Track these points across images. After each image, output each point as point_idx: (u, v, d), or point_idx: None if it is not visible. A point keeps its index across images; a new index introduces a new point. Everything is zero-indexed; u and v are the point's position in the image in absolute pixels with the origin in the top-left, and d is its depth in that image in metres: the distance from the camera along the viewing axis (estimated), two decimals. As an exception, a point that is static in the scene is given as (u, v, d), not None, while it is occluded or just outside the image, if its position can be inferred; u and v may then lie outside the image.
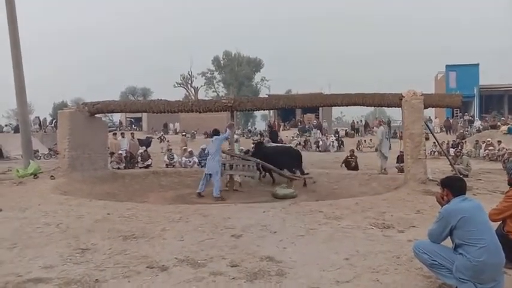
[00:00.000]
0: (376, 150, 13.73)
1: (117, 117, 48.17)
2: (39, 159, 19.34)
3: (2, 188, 9.92)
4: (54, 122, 34.26)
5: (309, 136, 33.71)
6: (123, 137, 18.64)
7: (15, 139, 20.79)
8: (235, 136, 16.52)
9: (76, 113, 11.82)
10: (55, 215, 6.69)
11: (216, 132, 11.49)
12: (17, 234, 5.52)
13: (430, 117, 35.03)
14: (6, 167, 15.62)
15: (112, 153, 15.46)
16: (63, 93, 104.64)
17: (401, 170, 12.17)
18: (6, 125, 37.89)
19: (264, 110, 15.88)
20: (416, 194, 8.43)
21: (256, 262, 4.38)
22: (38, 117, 38.53)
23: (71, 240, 5.24)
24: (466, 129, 31.28)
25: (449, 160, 12.25)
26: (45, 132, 33.30)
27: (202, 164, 15.89)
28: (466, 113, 36.67)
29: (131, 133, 21.76)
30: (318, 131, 36.33)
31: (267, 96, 33.03)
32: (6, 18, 13.25)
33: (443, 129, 32.94)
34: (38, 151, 20.62)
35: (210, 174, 10.55)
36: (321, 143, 29.35)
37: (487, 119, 32.59)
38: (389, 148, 13.15)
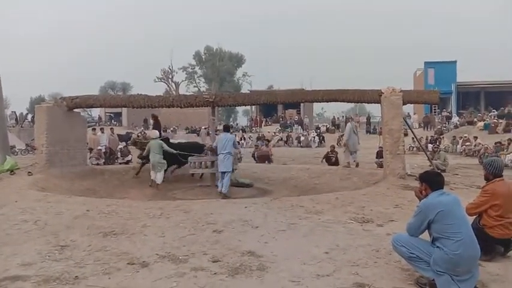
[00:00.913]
0: (344, 145, 14.02)
1: (96, 112, 47.36)
2: (16, 155, 18.93)
3: (-23, 184, 9.68)
4: (31, 117, 33.55)
5: (291, 132, 33.90)
6: (102, 132, 18.36)
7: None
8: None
9: (54, 107, 11.59)
10: (33, 211, 6.57)
11: (227, 129, 11.32)
12: (-6, 231, 5.41)
13: (408, 113, 35.60)
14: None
15: (91, 149, 15.22)
16: (41, 88, 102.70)
17: (380, 166, 12.35)
18: (-19, 120, 36.91)
19: (245, 105, 15.92)
20: (395, 189, 8.57)
21: (238, 257, 4.39)
22: (15, 112, 37.67)
23: (50, 237, 5.16)
24: (444, 125, 31.91)
25: (427, 155, 12.48)
26: (22, 127, 32.60)
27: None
28: (444, 109, 37.38)
29: (111, 128, 21.46)
30: (300, 127, 36.58)
31: (248, 91, 33.06)
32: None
33: (422, 125, 33.51)
34: (14, 147, 20.18)
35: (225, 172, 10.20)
36: (302, 138, 29.55)
37: (464, 115, 33.28)
38: (358, 143, 13.66)
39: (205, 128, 31.82)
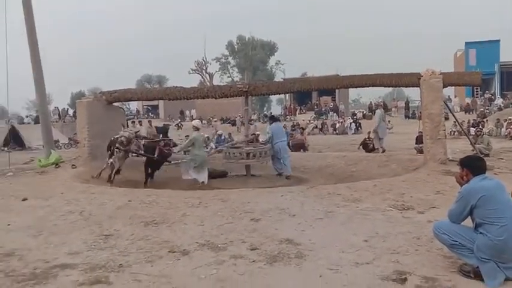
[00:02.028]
0: (375, 131, 14.75)
1: (134, 105, 48.60)
2: (60, 148, 19.74)
3: (25, 177, 10.20)
4: (73, 112, 34.82)
5: (326, 119, 33.52)
6: (140, 124, 18.84)
7: (35, 130, 21.25)
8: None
9: (94, 102, 11.97)
10: (78, 202, 6.85)
11: (277, 119, 12.35)
12: (42, 222, 5.69)
13: (449, 96, 34.32)
14: (29, 157, 16.04)
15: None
16: (80, 83, 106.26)
17: (420, 151, 12.02)
18: (26, 116, 38.75)
19: (279, 94, 15.82)
20: (436, 175, 8.32)
21: (276, 245, 4.42)
22: (57, 108, 39.25)
23: (94, 227, 5.37)
24: (487, 107, 30.60)
25: (469, 140, 12.03)
26: (64, 122, 33.90)
27: (219, 150, 15.98)
28: (486, 91, 35.80)
29: (148, 121, 22.00)
30: (335, 114, 36.08)
31: (282, 80, 32.88)
32: (23, 8, 13.39)
33: (463, 108, 32.30)
34: (58, 141, 21.05)
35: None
36: (338, 125, 29.18)
37: (508, 96, 31.77)
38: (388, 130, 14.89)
39: (240, 118, 31.96)
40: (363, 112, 37.60)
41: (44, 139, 14.12)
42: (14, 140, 23.15)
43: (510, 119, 20.58)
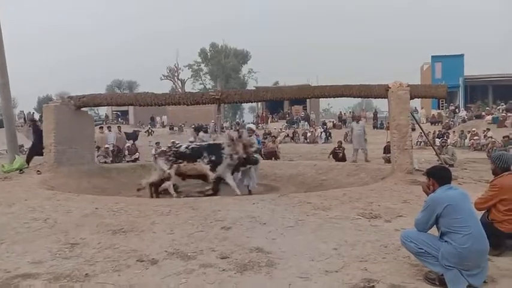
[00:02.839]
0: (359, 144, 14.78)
1: (103, 110, 47.59)
2: (24, 154, 19.06)
3: (-13, 183, 9.78)
4: (39, 116, 33.81)
5: (297, 128, 33.85)
6: (109, 130, 18.48)
7: (-1, 134, 20.50)
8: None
9: (61, 106, 11.66)
10: (43, 210, 6.62)
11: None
12: (5, 229, 5.47)
13: (416, 107, 35.39)
14: (-9, 163, 15.41)
15: (99, 147, 15.33)
16: (48, 87, 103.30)
17: (388, 161, 12.31)
18: (-11, 120, 37.30)
19: (252, 102, 15.90)
20: (403, 184, 8.54)
21: (246, 253, 4.41)
22: (23, 111, 38.01)
23: (60, 235, 5.20)
24: (451, 119, 31.68)
25: (435, 150, 12.43)
26: (29, 126, 32.80)
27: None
28: (451, 103, 37.10)
29: (118, 126, 21.59)
30: (306, 123, 36.50)
31: (254, 88, 33.05)
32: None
33: (429, 120, 33.30)
34: (23, 146, 20.34)
35: None
36: (309, 134, 29.50)
37: (471, 109, 33.01)
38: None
39: (214, 125, 31.91)
40: (333, 122, 38.22)
41: (8, 144, 13.65)
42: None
43: (474, 131, 21.40)
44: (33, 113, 39.78)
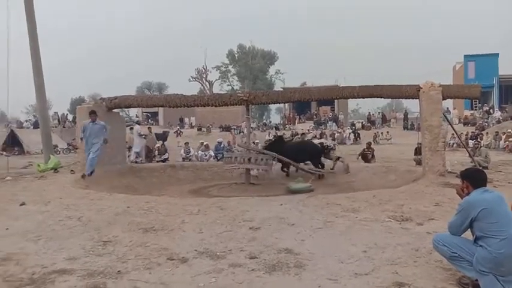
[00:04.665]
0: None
1: (133, 112, 48.60)
2: (59, 154, 19.71)
3: (24, 182, 10.17)
4: (73, 117, 34.83)
5: (325, 129, 33.58)
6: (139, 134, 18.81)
7: (35, 134, 21.25)
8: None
9: (94, 108, 11.97)
10: (77, 208, 6.83)
11: None
12: (41, 227, 5.67)
13: (448, 108, 34.49)
14: (27, 162, 16.01)
15: (130, 148, 15.66)
16: (79, 88, 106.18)
17: (419, 163, 12.05)
18: (26, 121, 38.71)
19: (279, 103, 15.87)
20: (435, 187, 8.34)
21: (275, 254, 4.41)
22: (57, 113, 39.24)
23: (93, 232, 5.35)
24: (485, 120, 30.72)
25: (468, 152, 12.07)
26: (63, 127, 33.87)
27: (218, 158, 16.03)
28: (485, 104, 35.97)
29: (148, 127, 21.97)
30: (334, 124, 36.17)
31: (281, 89, 32.99)
32: (25, 14, 13.47)
33: (462, 120, 32.40)
34: (57, 146, 21.03)
35: None
36: (337, 135, 29.22)
37: (506, 109, 31.90)
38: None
39: (237, 128, 32.43)
40: (362, 122, 37.71)
41: (44, 144, 14.13)
42: (13, 144, 23.14)
43: (509, 132, 20.65)
44: (67, 114, 41.02)
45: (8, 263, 4.24)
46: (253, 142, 15.30)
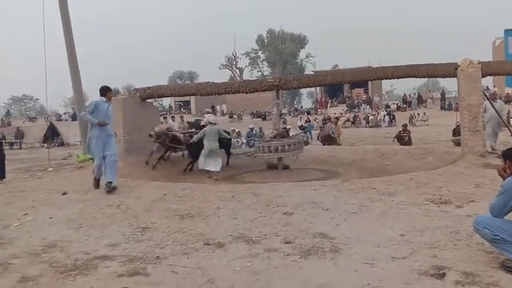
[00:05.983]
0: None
1: (166, 101, 49.39)
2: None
3: (64, 172, 10.57)
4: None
5: (358, 112, 33.02)
6: (173, 120, 19.15)
7: (73, 126, 21.99)
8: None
9: (128, 99, 12.23)
10: (115, 196, 7.04)
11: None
12: (82, 215, 5.88)
13: (487, 86, 33.06)
14: (67, 153, 16.62)
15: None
16: (113, 80, 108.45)
17: (458, 144, 11.67)
18: (64, 113, 40.09)
19: (310, 87, 15.67)
20: (474, 168, 8.06)
21: (310, 239, 4.41)
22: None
23: (132, 220, 5.51)
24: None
25: (510, 131, 11.57)
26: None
27: (250, 144, 16.08)
28: (528, 80, 34.24)
29: (180, 116, 22.31)
30: (368, 106, 35.49)
31: (312, 72, 32.57)
32: (58, 5, 13.78)
33: (503, 98, 31.04)
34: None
35: None
36: (371, 118, 28.70)
37: (552, 85, 30.29)
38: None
39: (268, 113, 32.29)
40: (397, 104, 36.81)
41: (82, 135, 14.56)
42: (53, 136, 24.07)
43: (554, 109, 19.65)
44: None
45: (53, 250, 4.43)
46: (285, 128, 15.18)
